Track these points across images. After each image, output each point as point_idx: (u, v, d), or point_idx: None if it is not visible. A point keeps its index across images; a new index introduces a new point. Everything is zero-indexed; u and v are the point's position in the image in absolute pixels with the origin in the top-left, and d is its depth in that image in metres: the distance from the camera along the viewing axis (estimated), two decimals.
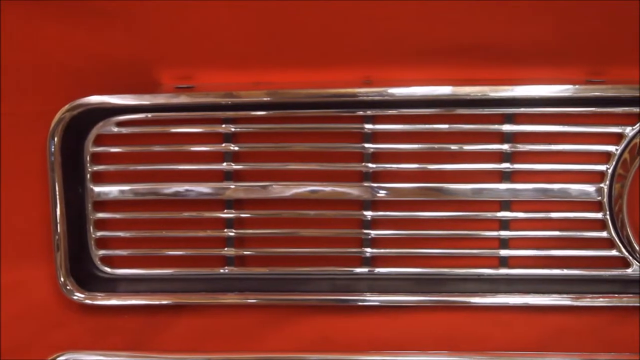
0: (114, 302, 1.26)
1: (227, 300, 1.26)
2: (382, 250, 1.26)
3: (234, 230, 1.26)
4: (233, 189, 1.25)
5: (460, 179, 1.24)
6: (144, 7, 1.20)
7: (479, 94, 1.20)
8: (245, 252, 1.27)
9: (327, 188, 1.24)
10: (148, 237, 1.27)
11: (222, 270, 1.28)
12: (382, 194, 1.24)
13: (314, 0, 1.19)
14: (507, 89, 1.19)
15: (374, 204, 1.25)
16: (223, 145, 1.24)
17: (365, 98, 1.20)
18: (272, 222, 1.26)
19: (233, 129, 1.24)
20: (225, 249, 1.27)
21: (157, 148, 1.25)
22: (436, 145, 1.23)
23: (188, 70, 1.23)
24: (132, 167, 1.25)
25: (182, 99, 1.21)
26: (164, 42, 1.22)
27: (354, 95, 1.20)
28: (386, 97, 1.20)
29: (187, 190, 1.25)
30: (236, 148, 1.23)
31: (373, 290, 1.26)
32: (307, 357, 1.26)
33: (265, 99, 1.21)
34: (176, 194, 1.25)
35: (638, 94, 1.18)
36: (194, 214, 1.26)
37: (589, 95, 1.19)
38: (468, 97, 1.20)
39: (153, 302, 1.26)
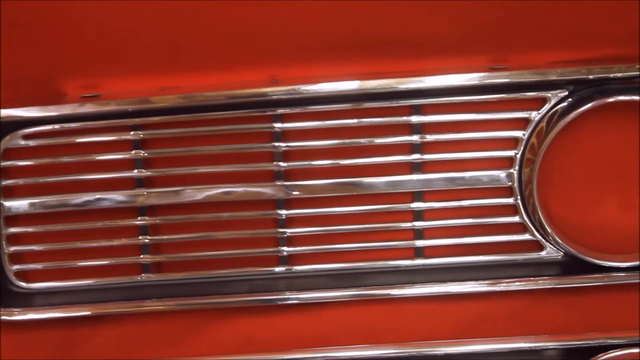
0: (31, 316, 1.25)
1: (146, 307, 1.25)
2: (298, 248, 1.26)
3: (148, 237, 1.25)
4: (145, 196, 1.24)
5: (373, 172, 1.24)
6: (42, 19, 1.18)
7: (386, 87, 1.20)
8: (161, 259, 1.26)
9: (239, 189, 1.24)
10: (63, 249, 1.26)
11: (139, 278, 1.27)
12: (295, 192, 1.24)
13: (215, 2, 1.18)
14: (413, 81, 1.20)
15: (289, 202, 1.25)
16: (133, 152, 1.23)
17: (273, 97, 1.20)
18: (187, 227, 1.26)
19: (142, 135, 1.23)
20: (141, 256, 1.26)
21: (66, 159, 1.23)
22: (347, 140, 1.23)
23: (93, 79, 1.22)
24: (42, 180, 1.23)
25: (88, 108, 1.21)
26: (66, 52, 1.20)
27: (262, 95, 1.20)
28: (294, 95, 1.20)
29: (98, 200, 1.24)
30: (145, 154, 1.23)
31: (292, 289, 1.25)
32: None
33: (172, 103, 1.21)
34: (87, 203, 1.23)
35: (542, 79, 1.19)
36: (107, 222, 1.25)
37: (493, 83, 1.20)
38: (375, 91, 1.21)
39: (72, 314, 1.25)
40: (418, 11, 1.18)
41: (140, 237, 1.25)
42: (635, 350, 1.24)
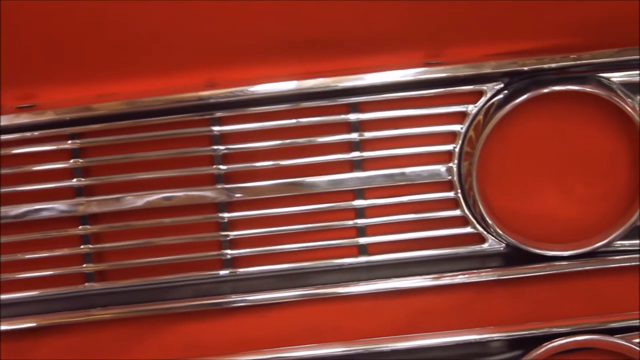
0: None
1: (91, 316, 1.25)
2: (242, 251, 1.26)
3: (90, 246, 1.25)
4: (85, 204, 1.23)
5: (314, 171, 1.24)
6: None
7: (323, 86, 1.20)
8: (104, 267, 1.26)
9: (180, 194, 1.23)
10: (4, 261, 1.24)
11: (83, 287, 1.26)
12: (237, 194, 1.24)
13: (146, 4, 1.17)
14: (349, 79, 1.20)
15: (231, 205, 1.25)
16: (71, 161, 1.22)
17: (210, 101, 1.20)
18: (129, 234, 1.25)
19: (80, 144, 1.22)
20: (84, 265, 1.25)
21: (5, 170, 1.22)
22: (287, 141, 1.23)
23: (29, 89, 1.21)
24: None
25: (24, 119, 1.20)
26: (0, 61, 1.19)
27: (200, 98, 1.20)
28: (231, 98, 1.20)
29: (37, 210, 1.23)
30: (84, 163, 1.22)
31: (237, 291, 1.25)
32: None
33: (110, 110, 1.20)
34: (26, 214, 1.23)
35: (477, 72, 1.20)
36: (48, 233, 1.24)
37: (429, 78, 1.20)
38: (313, 90, 1.20)
39: (16, 326, 1.24)
40: (350, 10, 1.18)
41: (82, 246, 1.25)
42: (580, 338, 1.25)
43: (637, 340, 1.26)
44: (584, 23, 1.19)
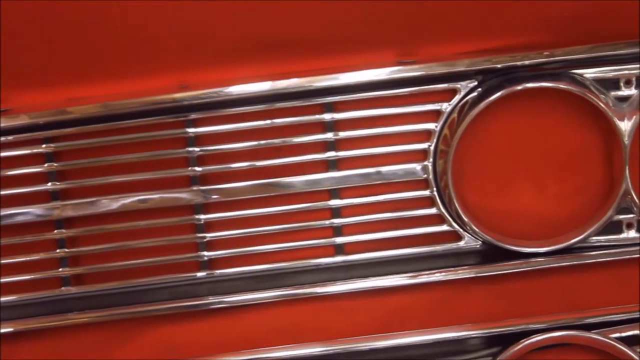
0: None
1: (68, 321, 1.24)
2: (219, 252, 1.26)
3: (66, 250, 1.25)
4: (61, 208, 1.23)
5: (290, 172, 1.24)
6: None
7: (297, 87, 1.20)
8: (81, 270, 1.25)
9: (155, 196, 1.23)
10: None
11: (60, 291, 1.26)
12: (214, 195, 1.24)
13: (118, 6, 1.17)
14: (324, 79, 1.20)
15: (208, 207, 1.25)
16: (45, 165, 1.22)
17: (185, 103, 1.20)
18: (105, 237, 1.25)
19: (54, 148, 1.22)
20: (60, 269, 1.25)
21: None
22: (262, 142, 1.23)
23: (3, 94, 1.21)
24: None
25: None
26: None
27: (174, 100, 1.20)
28: (206, 99, 1.20)
29: (13, 215, 1.22)
30: (59, 166, 1.22)
31: (215, 293, 1.25)
32: None
33: (84, 113, 1.20)
34: (1, 219, 1.22)
35: (450, 70, 1.20)
36: (24, 237, 1.24)
37: (403, 77, 1.20)
38: (287, 91, 1.21)
39: None
40: (323, 10, 1.18)
41: (58, 251, 1.25)
42: (556, 334, 1.26)
43: (613, 336, 1.27)
44: (556, 20, 1.19)
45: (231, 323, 1.27)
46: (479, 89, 1.21)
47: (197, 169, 1.23)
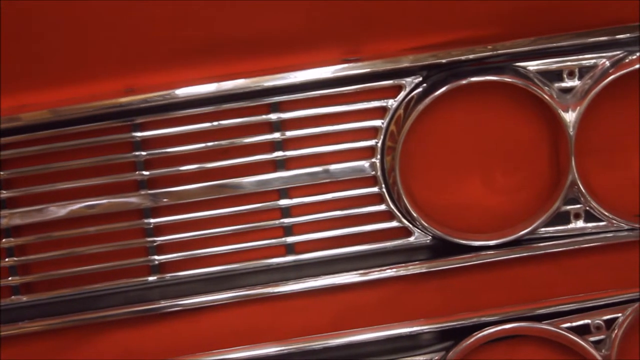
0: None
1: (19, 329, 1.24)
2: (169, 256, 1.26)
3: (15, 258, 1.24)
4: (8, 217, 1.22)
5: (239, 173, 1.24)
6: None
7: (243, 87, 1.20)
8: (30, 279, 1.25)
9: (104, 201, 1.23)
10: None
11: (10, 300, 1.25)
12: (164, 199, 1.23)
13: (63, 12, 1.16)
14: (269, 79, 1.20)
15: (157, 211, 1.24)
16: None
17: (131, 107, 1.19)
18: (54, 244, 1.24)
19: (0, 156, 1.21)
20: (10, 278, 1.24)
21: None
22: (210, 144, 1.23)
23: None
24: None
25: None
26: None
27: (120, 105, 1.19)
28: (151, 103, 1.19)
29: None
30: (4, 175, 1.21)
31: (167, 297, 1.25)
32: None
33: (29, 120, 1.19)
34: None
35: (395, 66, 1.20)
36: None
37: (348, 74, 1.20)
38: (233, 92, 1.20)
39: None
40: (267, 10, 1.18)
41: (7, 259, 1.24)
42: (508, 326, 1.26)
43: (564, 326, 1.28)
44: (498, 13, 1.20)
45: (186, 326, 1.26)
46: (424, 85, 1.22)
47: (144, 172, 1.23)
